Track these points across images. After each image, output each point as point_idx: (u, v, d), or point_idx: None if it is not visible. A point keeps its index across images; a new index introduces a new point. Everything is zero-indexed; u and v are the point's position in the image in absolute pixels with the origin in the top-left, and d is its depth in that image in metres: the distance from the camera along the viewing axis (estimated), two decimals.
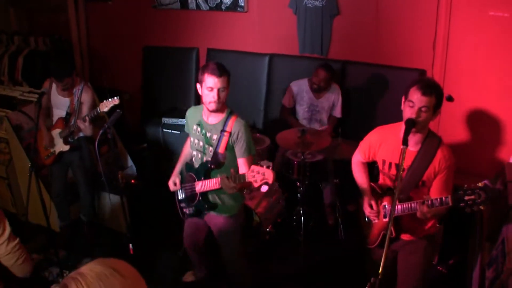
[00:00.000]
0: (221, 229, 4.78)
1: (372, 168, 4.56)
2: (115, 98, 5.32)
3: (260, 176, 3.91)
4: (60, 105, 6.01)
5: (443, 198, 3.64)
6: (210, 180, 4.44)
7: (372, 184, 4.38)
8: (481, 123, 6.28)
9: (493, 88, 6.13)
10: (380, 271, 3.19)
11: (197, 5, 8.06)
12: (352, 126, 6.90)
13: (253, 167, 3.95)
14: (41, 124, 6.01)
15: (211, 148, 4.47)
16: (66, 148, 6.06)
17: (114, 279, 2.01)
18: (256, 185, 3.98)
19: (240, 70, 7.74)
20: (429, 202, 3.71)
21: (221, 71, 4.26)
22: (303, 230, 6.31)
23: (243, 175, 4.04)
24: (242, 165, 4.41)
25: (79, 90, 5.95)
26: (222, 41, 8.14)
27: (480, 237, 4.99)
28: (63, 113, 6.01)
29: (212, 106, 4.30)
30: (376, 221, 4.25)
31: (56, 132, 6.04)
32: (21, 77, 8.34)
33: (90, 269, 2.00)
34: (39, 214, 5.27)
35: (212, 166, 4.47)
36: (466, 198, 3.47)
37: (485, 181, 3.58)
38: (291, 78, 7.07)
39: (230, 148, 4.42)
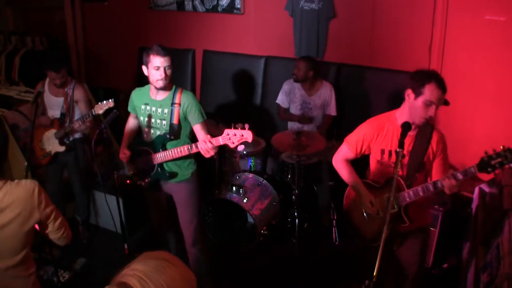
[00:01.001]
0: (181, 195, 5.00)
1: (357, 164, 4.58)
2: (110, 100, 5.34)
3: (238, 137, 4.15)
4: (53, 105, 6.01)
5: (468, 168, 3.63)
6: (179, 148, 4.62)
7: (366, 181, 4.40)
8: (477, 127, 6.30)
9: (489, 92, 6.15)
10: (374, 274, 3.20)
11: (194, 7, 8.08)
12: (347, 129, 6.85)
13: (227, 130, 4.20)
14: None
15: (164, 122, 4.74)
16: (62, 149, 6.06)
17: (170, 269, 2.05)
18: (233, 145, 4.23)
19: (236, 72, 7.77)
20: (456, 174, 3.70)
21: (165, 51, 4.57)
22: (297, 232, 6.31)
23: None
24: (200, 131, 4.72)
25: (71, 89, 5.97)
26: (218, 43, 8.15)
27: (475, 241, 5.00)
28: (56, 113, 6.01)
29: (160, 83, 4.61)
30: (380, 215, 4.23)
31: (51, 133, 6.03)
32: (18, 77, 8.34)
33: (145, 264, 2.02)
34: None
35: (172, 137, 4.71)
36: (493, 162, 3.52)
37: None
38: (286, 80, 7.07)
39: (182, 118, 4.69)
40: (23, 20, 9.65)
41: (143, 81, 7.24)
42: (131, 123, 5.22)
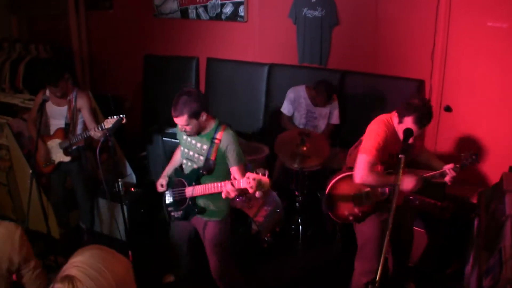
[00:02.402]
0: (209, 232, 4.86)
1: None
2: (121, 116, 5.32)
3: (254, 182, 4.00)
4: (56, 115, 6.02)
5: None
6: (211, 184, 4.52)
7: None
8: (479, 133, 6.31)
9: (492, 99, 6.16)
10: (377, 279, 3.21)
11: (198, 15, 8.11)
12: (350, 136, 6.88)
13: (248, 174, 4.05)
14: (33, 133, 6.03)
15: (201, 157, 4.61)
16: (67, 159, 6.09)
17: (107, 255, 2.22)
18: (251, 191, 4.06)
19: (240, 80, 7.79)
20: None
21: (178, 112, 4.40)
22: (301, 239, 6.33)
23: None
24: (236, 173, 4.56)
25: (73, 98, 5.99)
26: (221, 50, 8.18)
27: (478, 246, 5.00)
28: (60, 123, 6.02)
29: (187, 134, 4.58)
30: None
31: (55, 142, 6.05)
32: (22, 85, 8.37)
33: (81, 255, 2.19)
34: (39, 221, 5.29)
35: (204, 172, 4.60)
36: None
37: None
38: (290, 87, 7.08)
39: (219, 156, 4.55)
40: (27, 28, 9.68)
41: (148, 89, 7.29)
42: (178, 152, 5.08)
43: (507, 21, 5.86)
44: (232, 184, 4.21)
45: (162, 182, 4.99)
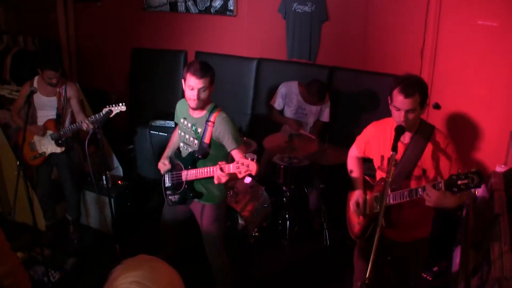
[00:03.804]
0: (205, 217, 4.87)
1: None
2: (121, 104, 5.31)
3: (245, 167, 4.01)
4: (45, 106, 6.00)
5: (436, 183, 3.57)
6: (203, 168, 4.51)
7: (366, 177, 4.41)
8: (468, 131, 6.33)
9: (480, 97, 6.18)
10: (367, 275, 3.20)
11: (187, 8, 8.08)
12: (339, 132, 6.91)
13: (238, 159, 4.07)
14: (18, 123, 6.03)
15: (196, 141, 4.60)
16: (59, 149, 6.07)
17: (163, 266, 2.02)
18: (240, 176, 4.06)
19: (228, 74, 7.76)
20: (420, 190, 3.68)
21: (203, 72, 4.32)
22: (288, 235, 6.33)
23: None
24: (237, 156, 4.48)
25: (63, 88, 5.99)
26: (210, 44, 8.15)
27: (465, 245, 5.02)
28: (49, 114, 6.01)
29: (192, 104, 4.43)
30: (358, 217, 4.28)
31: (47, 133, 6.04)
32: (9, 76, 8.32)
33: (136, 268, 1.94)
34: (25, 213, 5.27)
35: (199, 156, 4.58)
36: (459, 182, 3.41)
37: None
38: (278, 82, 7.04)
39: (214, 140, 4.52)
40: (16, 20, 9.62)
41: (136, 82, 7.25)
42: (176, 134, 5.04)
43: (497, 19, 5.88)
44: (221, 169, 4.18)
45: (164, 161, 4.95)
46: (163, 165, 4.93)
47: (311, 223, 6.72)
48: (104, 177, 4.88)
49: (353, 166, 4.48)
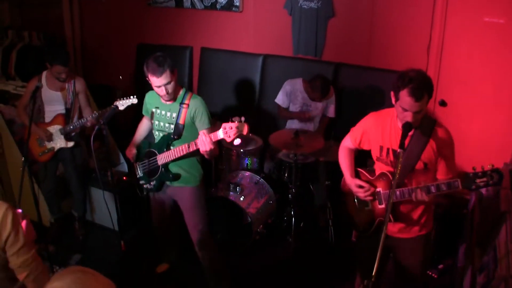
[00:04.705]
0: (186, 200, 4.96)
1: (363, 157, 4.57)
2: (132, 97, 5.31)
3: (233, 130, 4.07)
4: (52, 100, 5.99)
5: (452, 181, 3.58)
6: (180, 147, 4.59)
7: (360, 169, 4.36)
8: (474, 128, 6.30)
9: (487, 94, 6.15)
10: (373, 273, 3.18)
11: (192, 4, 8.06)
12: (344, 129, 6.84)
13: (224, 124, 4.13)
14: (23, 119, 6.02)
15: (172, 126, 4.70)
16: (70, 144, 6.11)
17: (89, 279, 2.04)
18: (229, 140, 4.13)
19: (233, 70, 7.77)
20: (434, 187, 3.67)
21: (161, 69, 4.43)
22: (293, 231, 6.32)
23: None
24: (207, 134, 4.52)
25: (72, 83, 6.01)
26: (216, 40, 8.14)
27: (471, 242, 5.00)
28: (57, 109, 6.01)
29: (166, 98, 4.64)
30: (371, 199, 4.18)
31: (56, 128, 6.03)
32: (14, 72, 8.32)
33: (61, 280, 1.99)
34: (29, 209, 5.25)
35: (175, 137, 4.68)
36: (478, 181, 3.43)
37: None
38: (284, 79, 7.06)
39: (188, 120, 4.64)
40: (20, 15, 9.61)
41: (141, 78, 7.22)
42: (144, 124, 5.24)
43: (504, 16, 5.85)
44: (209, 136, 4.28)
45: (133, 150, 5.10)
46: (130, 152, 5.10)
47: (317, 220, 6.70)
48: (109, 173, 4.88)
49: (344, 157, 4.44)
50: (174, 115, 4.68)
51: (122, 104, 5.32)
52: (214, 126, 4.73)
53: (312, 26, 7.23)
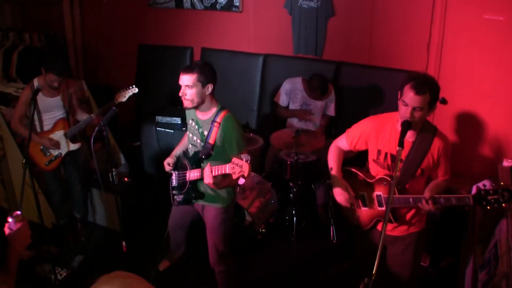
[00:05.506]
0: (210, 219, 4.83)
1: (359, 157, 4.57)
2: (131, 87, 5.29)
3: (238, 168, 3.95)
4: (50, 107, 5.95)
5: (463, 197, 3.65)
6: (195, 169, 4.54)
7: (357, 171, 4.37)
8: (475, 126, 6.30)
9: (487, 91, 6.15)
10: (373, 272, 3.19)
11: (192, 4, 8.08)
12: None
13: (234, 159, 3.99)
14: (20, 131, 6.00)
15: (202, 143, 4.55)
16: (76, 146, 6.13)
17: (138, 284, 2.02)
18: (234, 177, 4.02)
19: (234, 70, 7.77)
20: (442, 199, 3.74)
21: (189, 69, 4.32)
22: (295, 231, 6.30)
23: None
24: None
25: (65, 86, 6.01)
26: (216, 40, 8.15)
27: (472, 239, 5.00)
28: (55, 115, 6.00)
29: (184, 103, 4.43)
30: (356, 207, 4.26)
31: (60, 134, 6.02)
32: (16, 74, 8.33)
33: (111, 285, 1.97)
34: (31, 210, 5.25)
35: (202, 156, 4.54)
36: (489, 198, 3.52)
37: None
38: (285, 78, 7.07)
39: (218, 140, 4.46)
40: (21, 16, 9.62)
41: (142, 79, 7.22)
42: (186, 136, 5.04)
43: (504, 13, 5.84)
44: (217, 170, 4.16)
45: (169, 161, 4.91)
46: (167, 164, 4.90)
47: (318, 219, 6.71)
48: (110, 174, 4.87)
49: (334, 157, 4.44)
50: (206, 132, 4.51)
51: (124, 95, 5.32)
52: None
53: (312, 25, 7.23)
